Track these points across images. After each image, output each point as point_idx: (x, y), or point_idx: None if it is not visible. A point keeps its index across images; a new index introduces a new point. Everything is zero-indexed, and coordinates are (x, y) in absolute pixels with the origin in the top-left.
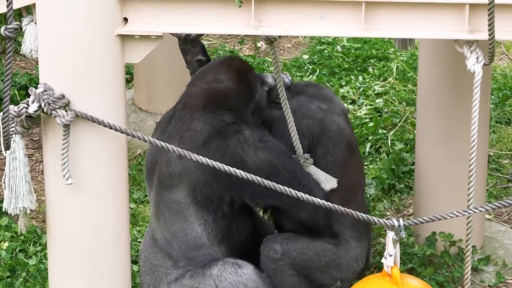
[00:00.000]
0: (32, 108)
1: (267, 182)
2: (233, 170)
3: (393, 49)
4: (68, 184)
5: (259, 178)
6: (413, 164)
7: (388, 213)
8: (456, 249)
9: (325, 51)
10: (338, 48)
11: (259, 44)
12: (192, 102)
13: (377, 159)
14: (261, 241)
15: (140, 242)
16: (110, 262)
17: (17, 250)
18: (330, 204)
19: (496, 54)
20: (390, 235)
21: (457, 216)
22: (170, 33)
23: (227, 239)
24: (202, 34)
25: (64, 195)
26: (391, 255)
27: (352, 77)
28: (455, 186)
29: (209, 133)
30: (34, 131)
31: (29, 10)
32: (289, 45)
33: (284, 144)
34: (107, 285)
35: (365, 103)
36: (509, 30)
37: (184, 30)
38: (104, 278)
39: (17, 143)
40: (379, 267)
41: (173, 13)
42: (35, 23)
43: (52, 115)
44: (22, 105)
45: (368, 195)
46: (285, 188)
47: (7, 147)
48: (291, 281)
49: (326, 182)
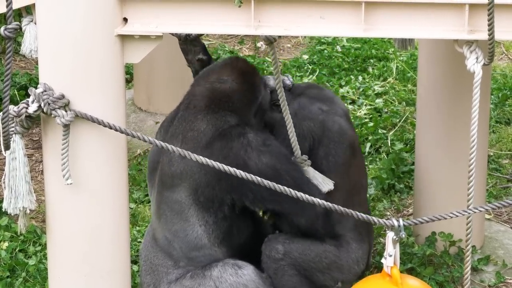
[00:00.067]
0: (32, 108)
1: (267, 182)
2: (236, 171)
3: (393, 49)
4: (68, 184)
5: (259, 179)
6: (413, 164)
7: (388, 213)
8: (456, 249)
9: (325, 51)
10: (338, 48)
11: (258, 44)
12: (195, 102)
13: (377, 159)
14: (261, 241)
15: (140, 242)
16: (110, 262)
17: (17, 250)
18: (331, 205)
19: (495, 54)
20: (390, 235)
21: (457, 216)
22: (170, 33)
23: (227, 240)
24: (202, 34)
25: (64, 195)
26: (391, 255)
27: (352, 77)
28: (455, 186)
29: (213, 134)
30: (34, 131)
31: (28, 10)
32: (289, 45)
33: (286, 147)
34: (107, 285)
35: (365, 103)
36: (509, 30)
37: (184, 30)
38: (104, 278)
39: (17, 143)
40: (379, 267)
41: (173, 13)
42: (35, 23)
43: (52, 115)
44: (22, 105)
45: (368, 195)
46: (285, 188)
47: (7, 147)
48: (292, 281)
49: (323, 184)
